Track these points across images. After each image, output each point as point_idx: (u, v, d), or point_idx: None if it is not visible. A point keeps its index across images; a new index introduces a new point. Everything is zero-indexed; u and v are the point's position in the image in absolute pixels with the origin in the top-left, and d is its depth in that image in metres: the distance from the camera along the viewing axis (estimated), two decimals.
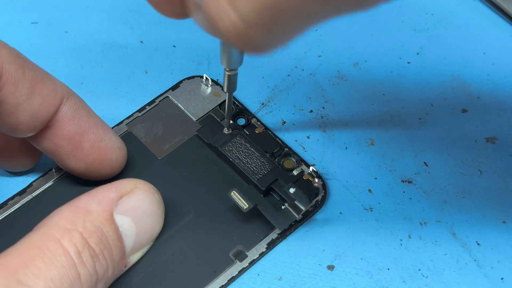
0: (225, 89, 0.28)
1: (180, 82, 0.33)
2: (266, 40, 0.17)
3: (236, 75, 0.27)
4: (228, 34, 0.17)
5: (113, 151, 0.28)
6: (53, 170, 0.30)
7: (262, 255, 0.28)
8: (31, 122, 0.26)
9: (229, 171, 0.30)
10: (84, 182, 0.29)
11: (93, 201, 0.24)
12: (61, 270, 0.21)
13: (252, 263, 0.28)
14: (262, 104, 0.33)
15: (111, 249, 0.24)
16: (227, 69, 0.26)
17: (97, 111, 0.32)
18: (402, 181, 0.31)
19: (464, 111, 0.33)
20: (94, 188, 0.25)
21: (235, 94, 0.33)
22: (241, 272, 0.28)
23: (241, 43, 0.17)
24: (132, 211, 0.25)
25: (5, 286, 0.20)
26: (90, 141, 0.28)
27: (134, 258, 0.26)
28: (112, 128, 0.31)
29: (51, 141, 0.27)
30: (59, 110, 0.27)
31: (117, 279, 0.26)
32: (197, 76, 0.34)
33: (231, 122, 0.32)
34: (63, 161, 0.28)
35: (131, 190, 0.25)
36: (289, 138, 0.32)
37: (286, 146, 0.31)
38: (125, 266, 0.26)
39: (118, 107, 0.33)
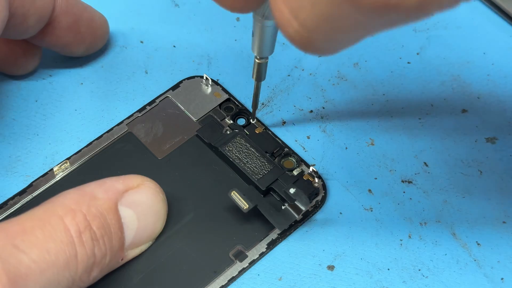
0: (254, 77, 0.29)
1: (180, 82, 0.33)
2: (328, 45, 0.19)
3: (266, 64, 0.28)
4: (293, 40, 0.18)
5: (102, 25, 0.33)
6: (53, 170, 0.30)
7: (262, 255, 0.28)
8: (37, 24, 0.29)
9: (229, 171, 0.30)
10: (85, 182, 0.29)
11: (100, 188, 0.25)
12: (58, 245, 0.22)
13: (252, 263, 0.28)
14: (262, 104, 0.33)
15: (111, 236, 0.24)
16: (258, 58, 0.27)
17: (97, 111, 0.33)
18: (402, 181, 0.31)
19: (464, 111, 0.33)
20: (102, 179, 0.26)
21: (235, 94, 0.33)
22: (241, 272, 0.28)
23: (304, 47, 0.19)
24: (136, 205, 0.26)
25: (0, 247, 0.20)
26: (85, 25, 0.31)
27: (132, 253, 0.27)
28: (112, 128, 0.31)
29: (53, 34, 0.31)
30: (55, 6, 0.30)
31: (117, 279, 0.26)
32: (197, 76, 0.34)
33: (231, 122, 0.32)
34: (65, 49, 0.32)
35: (137, 185, 0.26)
36: (289, 138, 0.32)
37: (286, 146, 0.31)
38: (122, 259, 0.26)
39: (118, 107, 0.33)
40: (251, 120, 0.32)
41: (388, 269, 0.28)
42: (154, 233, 0.27)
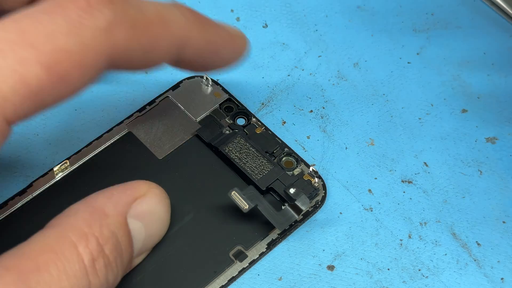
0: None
1: (180, 82, 0.33)
2: None
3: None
4: None
5: (237, 49, 0.27)
6: (53, 170, 0.30)
7: (262, 255, 0.28)
8: (152, 69, 0.25)
9: (229, 171, 0.30)
10: (85, 182, 0.29)
11: (110, 202, 0.23)
12: (72, 281, 0.21)
13: (252, 263, 0.28)
14: (262, 104, 0.33)
15: (122, 255, 0.23)
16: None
17: (97, 111, 0.33)
18: (402, 181, 0.31)
19: (464, 111, 0.33)
20: (108, 188, 0.24)
21: (235, 94, 0.33)
22: (241, 272, 0.28)
23: None
24: (144, 215, 0.25)
25: None
26: (217, 60, 0.27)
27: (137, 260, 0.26)
28: (112, 128, 0.31)
29: (182, 66, 0.26)
30: (183, 55, 0.25)
31: None
32: (197, 76, 0.34)
33: (231, 122, 0.32)
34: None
35: (144, 193, 0.25)
36: (289, 138, 0.32)
37: (286, 146, 0.31)
38: (129, 269, 0.26)
39: (118, 107, 0.33)
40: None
41: (388, 269, 0.28)
42: (159, 239, 0.27)
